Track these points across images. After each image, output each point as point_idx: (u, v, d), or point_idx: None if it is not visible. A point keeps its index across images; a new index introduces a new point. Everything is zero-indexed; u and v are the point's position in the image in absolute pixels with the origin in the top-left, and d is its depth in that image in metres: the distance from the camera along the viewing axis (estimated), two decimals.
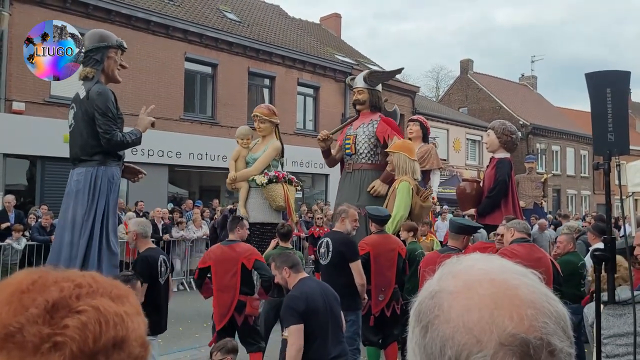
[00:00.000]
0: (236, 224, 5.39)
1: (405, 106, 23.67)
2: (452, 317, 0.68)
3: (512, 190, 9.02)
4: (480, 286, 0.69)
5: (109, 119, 5.68)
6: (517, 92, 35.15)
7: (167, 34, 15.44)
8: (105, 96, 5.85)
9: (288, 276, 3.84)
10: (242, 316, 5.09)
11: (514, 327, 0.65)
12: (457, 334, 0.66)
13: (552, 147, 31.52)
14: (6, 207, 10.41)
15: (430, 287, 0.74)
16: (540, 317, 0.67)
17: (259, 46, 17.77)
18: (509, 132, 9.21)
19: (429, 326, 0.70)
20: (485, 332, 0.65)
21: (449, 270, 0.75)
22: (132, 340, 0.73)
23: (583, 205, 33.14)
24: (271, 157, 7.67)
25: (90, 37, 6.22)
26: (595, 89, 2.54)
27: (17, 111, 12.43)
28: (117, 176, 6.27)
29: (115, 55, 6.15)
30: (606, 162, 2.48)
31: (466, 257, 0.77)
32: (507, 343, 0.64)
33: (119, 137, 5.68)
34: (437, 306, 0.70)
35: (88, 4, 13.63)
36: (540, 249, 4.75)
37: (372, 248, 5.45)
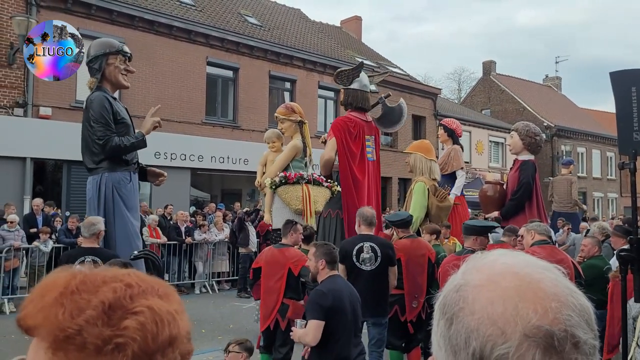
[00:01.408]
0: (289, 228, 5.29)
1: (427, 108, 23.53)
2: (477, 309, 0.69)
3: (537, 192, 8.88)
4: (504, 279, 0.71)
5: (101, 124, 5.71)
6: (541, 94, 34.66)
7: (189, 39, 15.62)
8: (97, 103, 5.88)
9: (322, 268, 3.83)
10: (285, 320, 5.01)
11: (538, 319, 0.66)
12: (482, 326, 0.67)
13: (577, 149, 30.98)
14: (34, 210, 10.63)
15: (455, 281, 0.75)
16: (564, 309, 0.67)
17: (280, 49, 17.85)
18: (532, 134, 9.08)
19: (453, 318, 0.71)
20: (510, 324, 0.66)
21: (473, 265, 0.76)
22: (183, 337, 0.76)
23: (610, 208, 32.50)
24: (288, 157, 7.23)
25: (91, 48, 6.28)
26: (620, 88, 2.49)
27: (44, 116, 12.70)
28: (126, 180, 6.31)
29: (115, 61, 6.19)
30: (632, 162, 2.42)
31: (490, 252, 0.79)
32: (531, 335, 0.65)
33: (114, 141, 5.69)
34: (461, 299, 0.71)
35: (112, 10, 13.87)
36: (561, 251, 4.70)
37: (404, 253, 5.38)
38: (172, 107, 14.66)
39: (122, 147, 5.74)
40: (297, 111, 7.32)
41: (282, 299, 5.03)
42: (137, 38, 14.44)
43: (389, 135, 21.46)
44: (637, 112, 2.42)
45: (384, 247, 5.06)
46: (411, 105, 22.84)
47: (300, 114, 7.29)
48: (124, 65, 6.27)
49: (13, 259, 9.19)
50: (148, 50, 14.54)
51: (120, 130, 5.89)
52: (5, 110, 12.22)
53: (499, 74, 33.99)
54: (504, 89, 32.32)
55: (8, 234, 9.22)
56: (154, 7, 15.10)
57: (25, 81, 12.45)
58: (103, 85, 6.14)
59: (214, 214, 13.13)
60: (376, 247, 5.03)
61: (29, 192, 12.38)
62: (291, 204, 6.86)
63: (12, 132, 12.03)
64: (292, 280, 5.05)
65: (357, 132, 7.46)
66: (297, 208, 6.86)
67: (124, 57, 6.27)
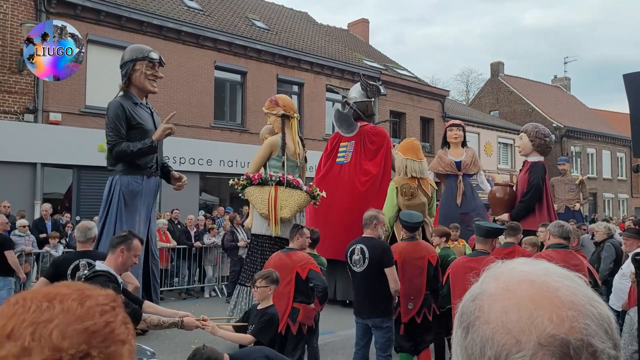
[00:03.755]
0: (296, 232, 5.30)
1: (435, 110, 23.46)
2: (492, 318, 0.69)
3: (547, 194, 8.83)
4: (520, 287, 0.70)
5: (111, 129, 5.87)
6: (550, 94, 34.46)
7: (197, 44, 15.69)
8: (111, 109, 6.06)
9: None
10: (296, 325, 5.01)
11: (553, 327, 0.65)
12: (497, 335, 0.67)
13: (587, 149, 30.76)
14: (44, 215, 10.70)
15: (473, 290, 0.75)
16: (582, 318, 0.66)
17: (288, 53, 17.89)
18: (542, 135, 9.04)
19: (469, 327, 0.71)
20: (525, 333, 0.65)
21: (492, 274, 0.76)
22: None
23: (621, 209, 32.20)
24: (261, 155, 6.66)
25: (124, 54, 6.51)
26: (634, 90, 2.46)
27: (54, 122, 12.79)
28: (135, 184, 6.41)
29: (142, 67, 6.32)
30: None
31: (511, 260, 0.78)
32: (546, 344, 0.64)
33: (121, 147, 5.83)
34: (477, 308, 0.71)
35: (121, 16, 13.96)
36: (577, 255, 4.58)
37: (399, 256, 5.39)
38: (181, 111, 14.70)
39: (128, 152, 5.84)
40: (282, 104, 6.63)
41: (292, 303, 5.02)
42: (146, 43, 14.40)
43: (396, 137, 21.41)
44: None
45: (375, 249, 5.05)
46: (419, 107, 22.84)
47: (286, 107, 6.57)
48: (152, 70, 6.45)
49: (25, 264, 9.24)
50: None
51: (135, 135, 5.99)
52: (15, 116, 12.32)
53: (507, 75, 33.83)
54: (513, 90, 32.17)
55: (19, 239, 9.28)
56: (162, 12, 15.19)
57: (36, 87, 12.56)
58: (130, 90, 6.32)
59: (222, 217, 13.15)
60: (365, 249, 5.06)
61: (39, 198, 12.47)
62: (257, 207, 6.39)
63: (23, 138, 12.12)
64: (300, 284, 5.05)
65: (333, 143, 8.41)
66: (262, 212, 6.33)
67: (152, 62, 6.44)
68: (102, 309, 0.78)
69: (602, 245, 7.24)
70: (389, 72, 22.16)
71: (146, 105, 7.00)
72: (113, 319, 0.78)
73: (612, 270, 6.60)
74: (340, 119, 8.87)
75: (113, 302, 0.81)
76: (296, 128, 6.59)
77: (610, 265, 6.79)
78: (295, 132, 6.53)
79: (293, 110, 6.57)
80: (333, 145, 8.53)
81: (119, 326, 0.78)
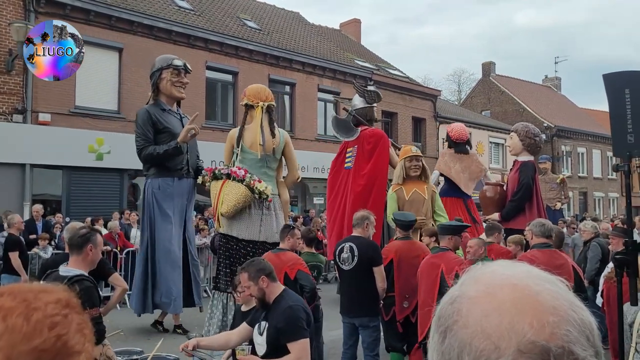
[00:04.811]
0: (286, 232, 5.25)
1: (427, 110, 23.52)
2: (471, 322, 0.66)
3: (537, 193, 8.86)
4: (501, 291, 0.67)
5: (138, 135, 6.14)
6: (541, 94, 34.65)
7: (188, 43, 15.64)
8: (139, 116, 6.39)
9: (267, 286, 3.38)
10: None
11: (533, 333, 0.63)
12: (475, 340, 0.64)
13: (577, 149, 30.96)
14: (34, 216, 10.62)
15: (452, 292, 0.72)
16: (563, 324, 0.64)
17: (279, 53, 17.87)
18: (532, 135, 9.07)
19: (447, 332, 0.68)
20: (504, 338, 0.63)
21: (472, 275, 0.73)
22: None
23: (611, 208, 32.43)
24: (225, 149, 6.29)
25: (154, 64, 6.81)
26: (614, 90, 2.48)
27: (43, 122, 12.70)
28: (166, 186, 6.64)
29: (168, 75, 6.67)
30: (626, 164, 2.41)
31: (492, 263, 0.76)
32: (525, 350, 0.62)
33: (147, 150, 6.04)
34: (456, 311, 0.68)
35: (111, 16, 13.89)
36: (562, 254, 4.59)
37: (395, 254, 5.40)
38: None
39: (154, 155, 6.05)
40: (247, 94, 6.15)
41: None
42: (136, 43, 14.46)
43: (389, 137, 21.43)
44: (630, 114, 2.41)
45: (364, 248, 5.07)
46: (411, 107, 22.87)
47: (250, 96, 6.00)
48: (177, 77, 6.76)
49: None
50: (147, 55, 14.52)
51: (164, 139, 6.23)
52: (4, 116, 12.23)
53: (498, 75, 33.99)
54: (504, 90, 32.32)
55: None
56: (152, 12, 15.13)
57: (24, 87, 12.47)
58: (159, 98, 6.65)
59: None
60: (354, 247, 5.07)
61: (28, 199, 12.38)
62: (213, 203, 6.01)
63: (11, 139, 12.03)
64: (289, 285, 5.02)
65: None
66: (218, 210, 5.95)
67: (176, 70, 6.71)
68: (51, 321, 0.72)
69: (589, 244, 7.27)
70: (381, 72, 22.19)
71: (176, 111, 7.27)
72: (65, 330, 0.72)
73: (598, 270, 6.64)
74: (339, 126, 8.93)
75: (65, 309, 0.75)
76: (260, 117, 5.79)
77: (597, 265, 6.83)
78: (258, 122, 5.80)
79: (258, 98, 5.90)
80: (342, 150, 8.66)
81: (73, 336, 0.73)
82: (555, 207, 11.46)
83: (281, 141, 5.65)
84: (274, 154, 5.62)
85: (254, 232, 5.45)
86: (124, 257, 10.46)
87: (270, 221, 5.43)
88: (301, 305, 3.36)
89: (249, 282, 3.39)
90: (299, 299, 3.50)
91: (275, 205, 5.49)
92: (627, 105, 2.40)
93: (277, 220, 5.42)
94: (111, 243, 10.38)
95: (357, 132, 8.53)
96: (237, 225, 5.48)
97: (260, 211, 5.47)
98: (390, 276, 5.28)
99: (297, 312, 3.27)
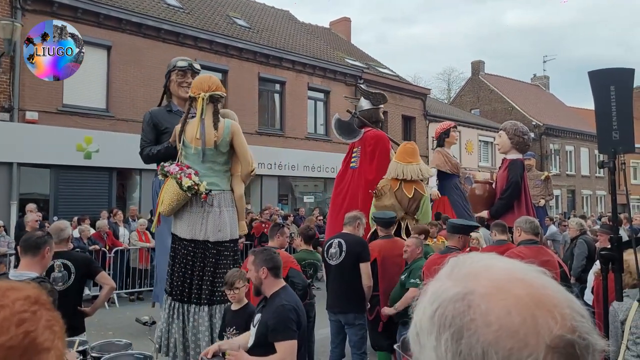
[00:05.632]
0: (276, 231, 5.24)
1: (417, 109, 23.59)
2: (492, 321, 0.64)
3: (525, 191, 8.92)
4: (513, 286, 0.67)
5: (141, 137, 6.17)
6: (530, 93, 34.88)
7: (177, 42, 15.55)
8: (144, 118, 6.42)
9: (265, 277, 3.38)
10: None
11: (559, 328, 0.63)
12: (502, 339, 0.63)
13: (565, 147, 31.21)
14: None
15: (449, 289, 0.70)
16: (577, 316, 0.65)
17: (269, 51, 17.83)
18: (520, 133, 9.14)
19: (463, 331, 0.65)
20: (532, 335, 0.63)
21: (468, 271, 0.71)
22: None
23: (599, 205, 32.73)
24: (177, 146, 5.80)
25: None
26: (599, 87, 2.50)
27: (31, 120, 12.58)
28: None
29: (175, 77, 6.75)
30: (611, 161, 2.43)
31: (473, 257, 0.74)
32: (553, 345, 0.62)
33: (145, 150, 6.07)
34: (470, 309, 0.66)
35: (99, 13, 13.78)
36: (548, 251, 4.63)
37: (379, 254, 5.41)
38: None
39: (150, 155, 6.07)
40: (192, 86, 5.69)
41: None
42: (125, 41, 14.36)
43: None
44: (615, 111, 2.43)
45: (352, 244, 5.10)
46: (401, 106, 22.92)
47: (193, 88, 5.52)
48: (182, 78, 6.80)
49: (0, 265, 9.09)
50: (136, 53, 14.47)
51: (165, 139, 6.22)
52: None
53: (487, 73, 34.16)
54: (493, 89, 32.50)
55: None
56: (141, 9, 15.03)
57: (11, 85, 12.34)
58: (172, 100, 6.76)
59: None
60: (343, 243, 5.10)
61: (15, 198, 12.27)
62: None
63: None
64: None
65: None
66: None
67: (181, 70, 6.74)
68: (19, 317, 0.70)
69: (575, 242, 7.33)
70: (371, 71, 22.21)
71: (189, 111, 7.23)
72: (33, 327, 0.71)
73: (584, 267, 6.70)
74: (341, 127, 9.01)
75: (34, 306, 0.73)
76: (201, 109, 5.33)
77: (583, 262, 6.89)
78: (198, 113, 5.35)
79: (200, 89, 5.45)
80: (349, 150, 8.88)
81: (42, 333, 0.72)
82: (539, 204, 11.52)
83: (226, 133, 5.16)
84: (216, 147, 5.15)
85: (195, 230, 5.03)
86: (112, 256, 10.41)
87: (214, 218, 5.02)
88: (294, 306, 3.32)
89: (251, 267, 3.43)
90: (295, 299, 3.45)
91: (221, 202, 5.07)
92: (612, 103, 2.42)
93: (221, 217, 5.02)
94: (100, 242, 10.32)
95: (360, 134, 8.59)
96: (179, 224, 5.19)
97: (202, 208, 5.06)
98: (374, 275, 5.29)
99: (288, 313, 3.24)
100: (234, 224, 5.16)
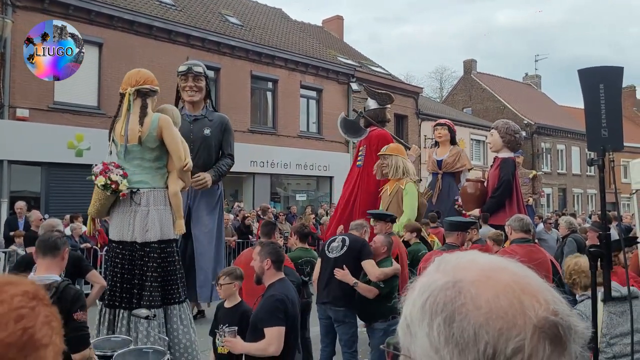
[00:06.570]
0: (272, 228, 5.26)
1: (409, 107, 23.63)
2: (482, 304, 0.68)
3: (517, 189, 8.98)
4: (499, 274, 0.71)
5: None
6: (521, 92, 35.02)
7: (169, 39, 15.49)
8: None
9: (268, 268, 3.60)
10: None
11: (543, 310, 0.67)
12: (492, 320, 0.67)
13: (557, 146, 31.38)
14: (18, 213, 10.43)
15: (439, 280, 0.73)
16: (557, 300, 0.70)
17: (262, 49, 17.79)
18: (512, 132, 9.19)
19: (454, 315, 0.69)
20: (520, 316, 0.67)
21: (455, 264, 0.75)
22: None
23: (590, 204, 32.95)
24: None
25: None
26: (588, 85, 2.53)
27: (21, 118, 12.49)
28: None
29: (181, 82, 7.03)
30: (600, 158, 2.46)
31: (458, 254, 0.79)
32: (540, 325, 0.66)
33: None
34: (461, 294, 0.70)
35: (90, 10, 13.70)
36: (541, 249, 4.64)
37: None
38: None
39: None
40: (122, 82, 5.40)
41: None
42: (117, 38, 14.29)
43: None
44: (604, 109, 2.46)
45: (356, 241, 5.14)
46: (393, 104, 22.88)
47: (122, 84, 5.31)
48: (185, 82, 7.06)
49: None
50: (128, 50, 14.38)
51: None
52: None
53: (479, 72, 34.28)
54: (485, 88, 32.61)
55: None
56: (133, 7, 14.95)
57: (1, 82, 12.24)
58: (185, 105, 7.13)
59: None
60: (346, 239, 5.16)
61: (5, 195, 12.18)
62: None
63: None
64: None
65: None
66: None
67: (182, 75, 6.98)
68: (17, 313, 0.70)
69: (565, 240, 7.38)
70: (363, 70, 22.22)
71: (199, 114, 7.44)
72: (32, 323, 0.71)
73: None
74: (347, 126, 9.12)
75: (32, 302, 0.73)
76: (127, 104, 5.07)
77: None
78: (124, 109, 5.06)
79: (128, 84, 5.23)
80: (357, 148, 9.12)
81: (40, 329, 0.71)
82: (528, 203, 11.60)
83: (152, 127, 4.86)
84: (140, 142, 4.83)
85: (124, 231, 4.75)
86: (104, 254, 10.35)
87: (142, 218, 4.74)
88: (285, 296, 3.50)
89: (257, 256, 3.66)
90: (288, 291, 3.60)
91: (150, 200, 4.78)
92: (602, 101, 2.45)
93: (149, 217, 4.75)
94: (91, 240, 10.27)
95: (365, 132, 8.65)
96: (111, 226, 4.95)
97: (130, 208, 4.77)
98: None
99: (276, 302, 3.45)
100: (166, 224, 4.84)
